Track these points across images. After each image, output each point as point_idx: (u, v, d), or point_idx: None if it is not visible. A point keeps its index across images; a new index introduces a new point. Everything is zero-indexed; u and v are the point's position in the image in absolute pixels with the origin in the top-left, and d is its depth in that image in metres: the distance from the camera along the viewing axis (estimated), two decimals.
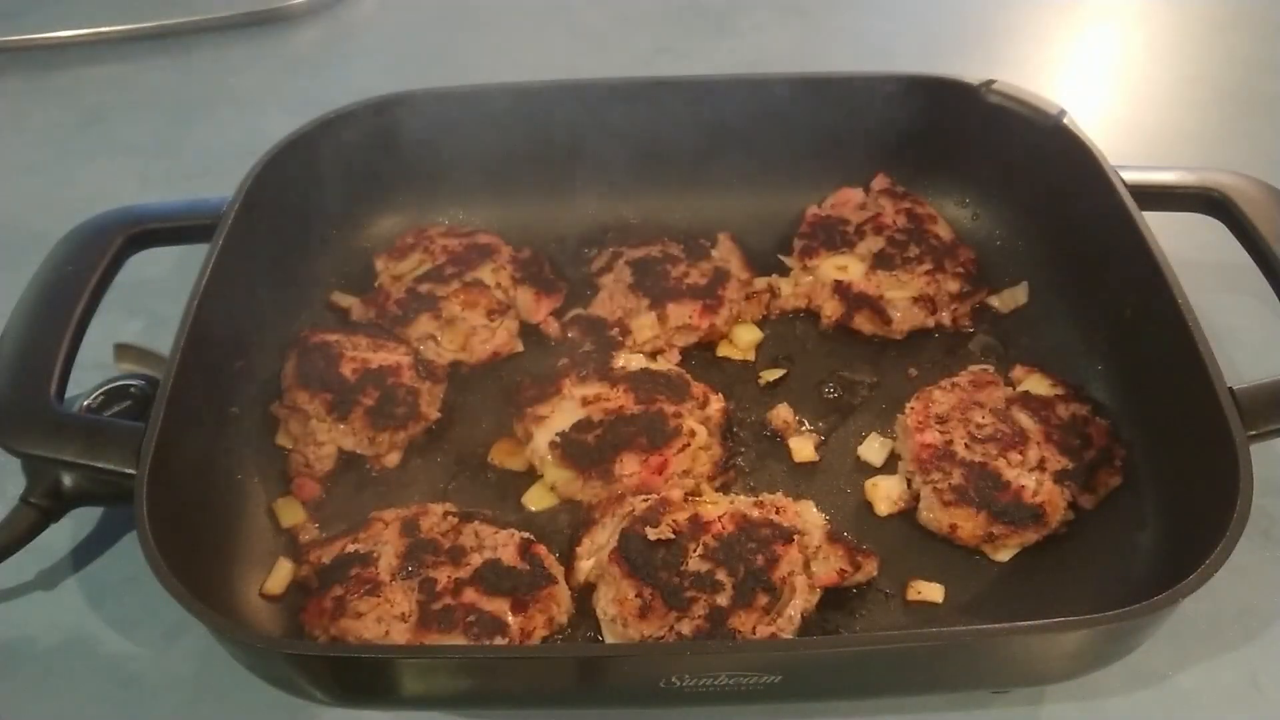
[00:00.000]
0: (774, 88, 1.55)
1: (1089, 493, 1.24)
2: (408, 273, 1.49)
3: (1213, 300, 1.41)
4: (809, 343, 1.47)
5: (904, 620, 1.17)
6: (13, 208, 1.77)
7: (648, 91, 1.54)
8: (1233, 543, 0.99)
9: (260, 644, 1.02)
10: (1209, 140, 1.88)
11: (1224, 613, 1.20)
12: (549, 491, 1.29)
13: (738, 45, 2.16)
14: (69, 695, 1.17)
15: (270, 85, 2.06)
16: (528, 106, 1.53)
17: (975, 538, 1.21)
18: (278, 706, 1.12)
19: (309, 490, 1.29)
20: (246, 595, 1.17)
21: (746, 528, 1.17)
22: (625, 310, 1.46)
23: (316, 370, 1.34)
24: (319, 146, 1.47)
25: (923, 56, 2.09)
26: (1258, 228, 1.30)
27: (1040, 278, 1.49)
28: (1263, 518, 1.28)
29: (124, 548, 1.29)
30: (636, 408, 1.30)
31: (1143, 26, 2.20)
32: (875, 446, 1.33)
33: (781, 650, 1.05)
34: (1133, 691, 1.15)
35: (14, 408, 1.14)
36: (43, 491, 1.20)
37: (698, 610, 1.10)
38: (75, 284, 1.25)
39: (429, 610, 1.11)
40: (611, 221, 1.59)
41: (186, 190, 1.76)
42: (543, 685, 1.04)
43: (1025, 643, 1.02)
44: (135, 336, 1.47)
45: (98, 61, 2.11)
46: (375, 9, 2.29)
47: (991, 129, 1.50)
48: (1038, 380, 1.35)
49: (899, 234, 1.52)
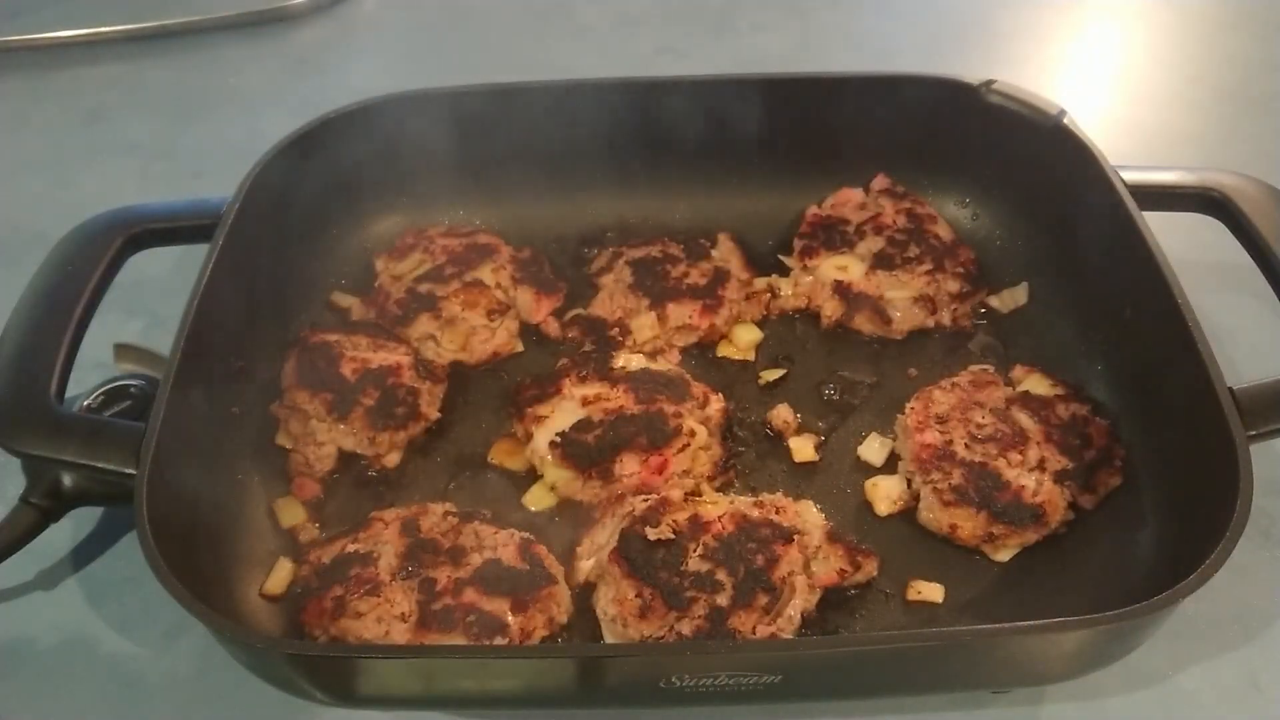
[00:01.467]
0: (774, 88, 1.55)
1: (1089, 493, 1.24)
2: (408, 273, 1.49)
3: (1213, 300, 1.41)
4: (809, 343, 1.47)
5: (904, 620, 1.17)
6: (13, 208, 1.77)
7: (648, 91, 1.54)
8: (1233, 543, 0.99)
9: (260, 644, 1.02)
10: (1209, 140, 1.87)
11: (1224, 613, 1.20)
12: (549, 491, 1.29)
13: (738, 45, 2.16)
14: (69, 695, 1.17)
15: (270, 85, 2.06)
16: (528, 107, 1.53)
17: (975, 538, 1.21)
18: (278, 706, 1.12)
19: (309, 490, 1.29)
20: (246, 595, 1.17)
21: (746, 528, 1.17)
22: (625, 310, 1.46)
23: (316, 370, 1.34)
24: (319, 146, 1.47)
25: (923, 56, 2.09)
26: (1258, 228, 1.30)
27: (1040, 278, 1.49)
28: (1263, 518, 1.28)
29: (124, 548, 1.29)
30: (636, 408, 1.30)
31: (1143, 26, 2.20)
32: (875, 446, 1.33)
33: (781, 650, 1.05)
34: (1133, 691, 1.15)
35: (14, 408, 1.14)
36: (43, 491, 1.20)
37: (698, 610, 1.10)
38: (75, 284, 1.25)
39: (429, 610, 1.11)
40: (611, 221, 1.60)
41: (186, 190, 1.76)
42: (543, 685, 1.04)
43: (1025, 643, 1.02)
44: (135, 336, 1.47)
45: (98, 61, 2.11)
46: (375, 9, 2.29)
47: (991, 129, 1.50)
48: (1038, 380, 1.35)
49: (899, 234, 1.52)
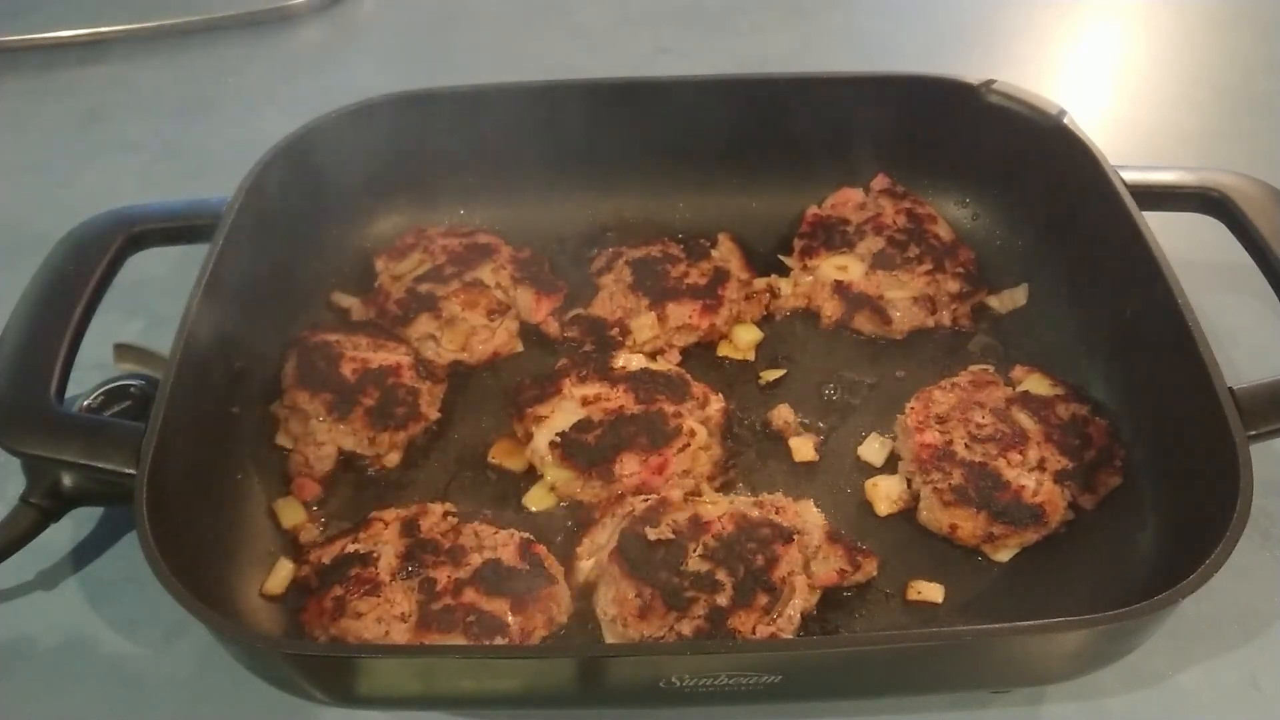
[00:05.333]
0: (774, 88, 1.55)
1: (1089, 493, 1.24)
2: (408, 273, 1.49)
3: (1213, 300, 1.41)
4: (809, 343, 1.47)
5: (904, 620, 1.17)
6: (13, 208, 1.77)
7: (648, 91, 1.54)
8: (1233, 543, 0.99)
9: (260, 644, 1.02)
10: (1209, 140, 1.87)
11: (1224, 613, 1.20)
12: (549, 491, 1.29)
13: (738, 45, 2.16)
14: (69, 695, 1.17)
15: (270, 85, 2.06)
16: (528, 106, 1.53)
17: (975, 538, 1.21)
18: (278, 706, 1.12)
19: (309, 490, 1.29)
20: (246, 595, 1.17)
21: (746, 528, 1.17)
22: (625, 310, 1.46)
23: (316, 370, 1.34)
24: (319, 146, 1.47)
25: (923, 56, 2.09)
26: (1258, 228, 1.30)
27: (1040, 278, 1.49)
28: (1263, 518, 1.28)
29: (124, 548, 1.29)
30: (636, 408, 1.30)
31: (1143, 26, 2.20)
32: (875, 446, 1.33)
33: (781, 650, 1.05)
34: (1133, 691, 1.15)
35: (14, 408, 1.14)
36: (43, 491, 1.20)
37: (698, 610, 1.10)
38: (75, 284, 1.25)
39: (429, 610, 1.11)
40: (611, 221, 1.60)
41: (186, 190, 1.75)
42: (543, 685, 1.04)
43: (1025, 643, 1.01)
44: (135, 336, 1.47)
45: (98, 61, 2.11)
46: (375, 9, 2.29)
47: (991, 129, 1.50)
48: (1038, 380, 1.35)
49: (899, 234, 1.52)
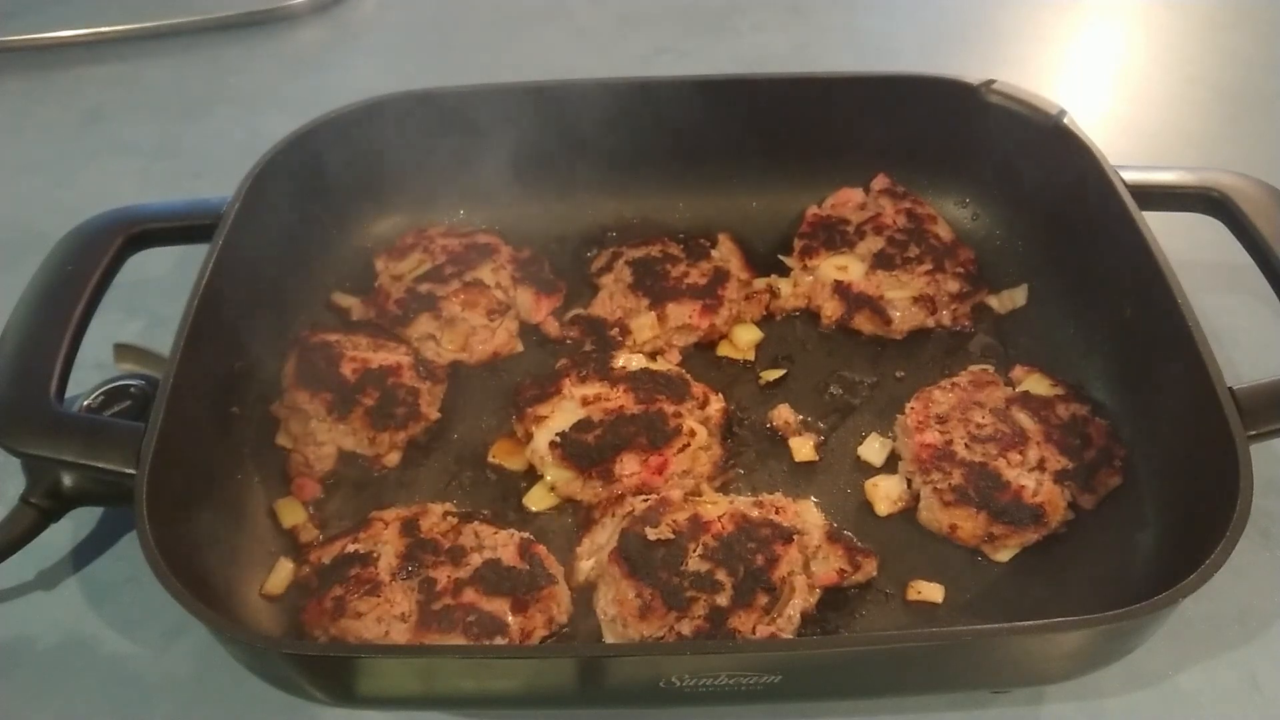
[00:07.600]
0: (774, 88, 1.55)
1: (1089, 493, 1.24)
2: (408, 273, 1.49)
3: (1213, 300, 1.41)
4: (809, 343, 1.47)
5: (904, 620, 1.17)
6: (13, 208, 1.77)
7: (648, 91, 1.54)
8: (1233, 543, 0.99)
9: (260, 644, 1.02)
10: (1209, 140, 1.87)
11: (1224, 613, 1.20)
12: (549, 491, 1.29)
13: (738, 45, 2.16)
14: (69, 695, 1.17)
15: (270, 85, 2.06)
16: (528, 106, 1.53)
17: (975, 538, 1.21)
18: (278, 706, 1.12)
19: (309, 490, 1.29)
20: (246, 595, 1.17)
21: (746, 528, 1.17)
22: (625, 310, 1.46)
23: (316, 370, 1.34)
24: (319, 146, 1.47)
25: (923, 56, 2.09)
26: (1258, 228, 1.30)
27: (1040, 278, 1.49)
28: (1263, 518, 1.28)
29: (124, 548, 1.29)
30: (636, 408, 1.30)
31: (1143, 26, 2.20)
32: (875, 446, 1.33)
33: (781, 650, 1.05)
34: (1133, 691, 1.15)
35: (14, 408, 1.14)
36: (43, 491, 1.20)
37: (698, 610, 1.10)
38: (75, 284, 1.25)
39: (429, 610, 1.11)
40: (611, 221, 1.60)
41: (186, 190, 1.76)
42: (543, 685, 1.04)
43: (1025, 643, 1.01)
44: (135, 336, 1.47)
45: (98, 61, 2.11)
46: (375, 9, 2.29)
47: (991, 129, 1.50)
48: (1037, 380, 1.35)
49: (899, 234, 1.52)
